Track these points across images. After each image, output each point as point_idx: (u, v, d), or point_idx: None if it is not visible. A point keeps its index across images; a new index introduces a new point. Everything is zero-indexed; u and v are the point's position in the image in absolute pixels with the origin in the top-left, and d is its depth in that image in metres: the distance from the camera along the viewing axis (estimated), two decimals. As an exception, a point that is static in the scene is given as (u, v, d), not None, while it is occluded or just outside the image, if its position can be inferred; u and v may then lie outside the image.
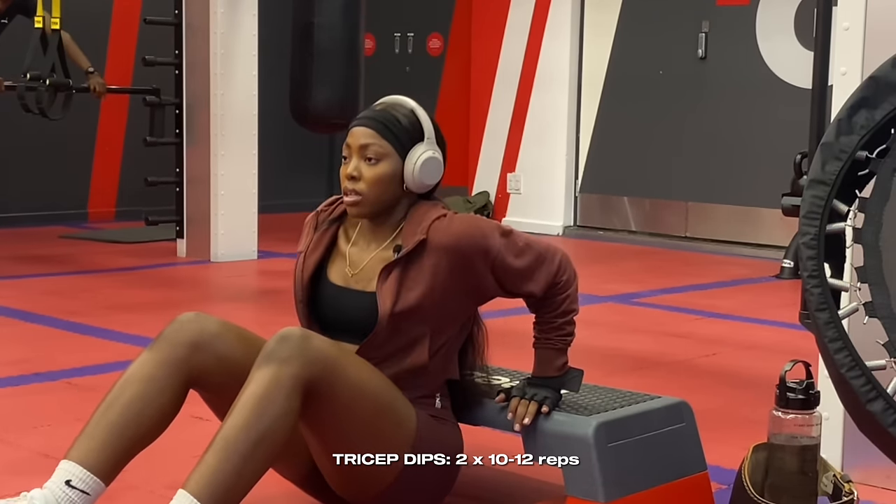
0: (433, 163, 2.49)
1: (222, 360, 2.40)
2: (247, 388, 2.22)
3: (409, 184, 2.48)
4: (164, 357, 2.37)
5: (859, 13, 2.87)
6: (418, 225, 2.47)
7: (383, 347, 2.45)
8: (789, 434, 2.33)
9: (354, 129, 2.48)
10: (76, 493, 2.23)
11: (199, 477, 2.14)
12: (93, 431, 2.30)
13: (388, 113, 2.49)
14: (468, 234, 2.45)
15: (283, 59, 6.63)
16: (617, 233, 8.49)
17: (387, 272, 2.45)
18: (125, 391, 2.33)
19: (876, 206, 2.09)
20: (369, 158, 2.45)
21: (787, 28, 7.59)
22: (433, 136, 2.51)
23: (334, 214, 2.61)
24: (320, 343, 2.30)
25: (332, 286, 2.55)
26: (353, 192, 2.46)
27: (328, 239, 2.59)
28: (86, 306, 5.24)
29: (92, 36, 7.96)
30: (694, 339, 4.87)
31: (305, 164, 9.62)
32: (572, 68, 8.63)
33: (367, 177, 2.45)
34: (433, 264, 2.44)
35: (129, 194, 8.50)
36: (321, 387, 2.26)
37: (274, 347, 2.25)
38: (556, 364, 2.53)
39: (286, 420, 2.21)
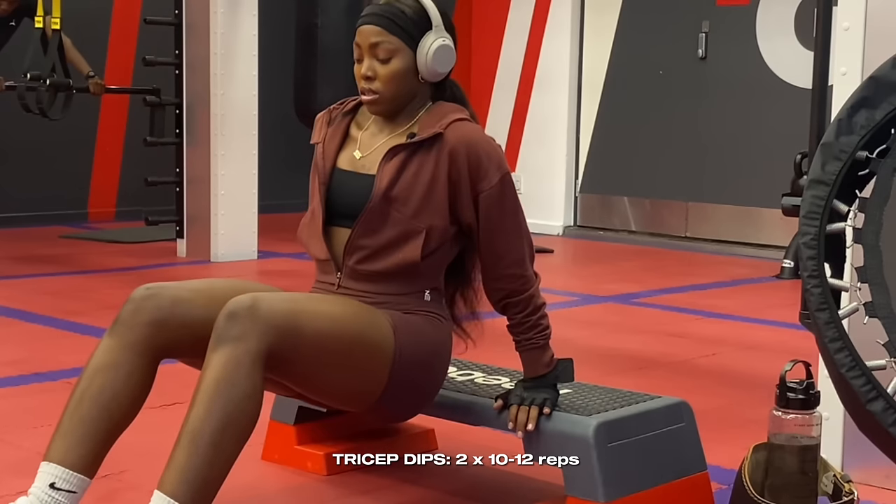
0: (445, 50, 2.50)
1: (187, 325, 2.35)
2: (205, 374, 2.17)
3: (423, 74, 2.50)
4: (125, 341, 2.33)
5: (859, 13, 2.87)
6: (438, 119, 2.49)
7: (377, 233, 2.44)
8: (789, 434, 2.33)
9: (362, 28, 2.48)
10: (62, 494, 2.22)
11: (171, 475, 2.12)
12: (67, 428, 2.28)
13: (393, 6, 2.48)
14: (477, 149, 2.46)
15: (283, 59, 6.65)
16: (617, 233, 8.49)
17: (392, 154, 2.46)
18: (93, 382, 2.31)
19: (876, 206, 2.09)
20: (381, 57, 2.46)
21: (787, 28, 7.59)
22: (441, 23, 2.51)
23: (347, 108, 2.63)
24: (270, 306, 2.23)
25: (339, 171, 2.55)
26: (370, 91, 2.48)
27: (343, 129, 2.60)
28: (86, 306, 5.24)
29: (92, 36, 7.96)
30: (694, 339, 4.87)
31: (305, 164, 9.60)
32: (572, 68, 8.63)
33: (382, 74, 2.47)
34: (437, 162, 2.45)
35: (129, 194, 8.50)
36: (283, 350, 2.23)
37: (224, 326, 2.19)
38: (543, 361, 2.52)
39: (252, 400, 2.17)
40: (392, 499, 2.75)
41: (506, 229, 2.48)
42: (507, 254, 2.49)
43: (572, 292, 5.93)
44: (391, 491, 2.78)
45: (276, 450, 2.93)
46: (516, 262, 2.49)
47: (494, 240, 2.48)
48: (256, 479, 2.83)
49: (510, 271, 2.49)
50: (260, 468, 2.90)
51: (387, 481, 2.82)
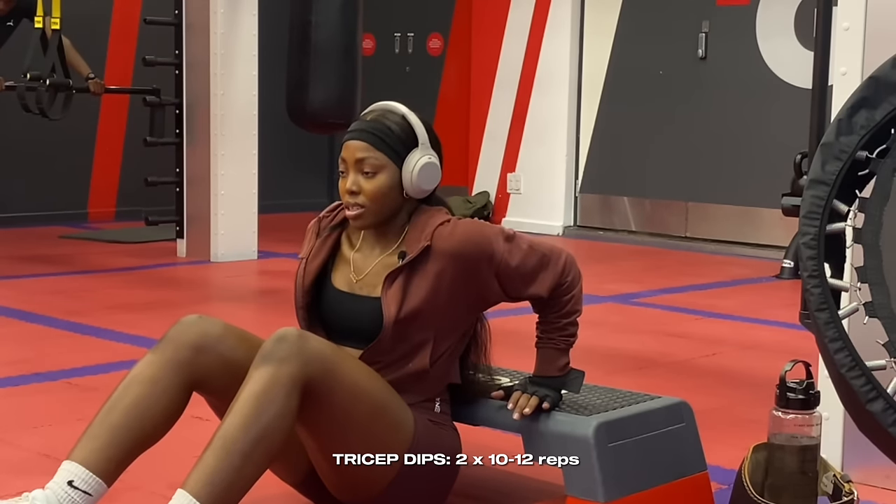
0: (430, 168, 2.49)
1: (225, 362, 2.40)
2: (245, 388, 2.22)
3: (408, 191, 2.49)
4: (167, 359, 2.37)
5: (859, 13, 2.87)
6: (422, 231, 2.47)
7: (387, 353, 2.45)
8: (789, 434, 2.33)
9: (348, 143, 2.48)
10: (78, 493, 2.23)
11: (198, 476, 2.14)
12: (96, 432, 2.30)
13: (379, 123, 2.48)
14: (472, 239, 2.45)
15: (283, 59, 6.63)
16: (617, 233, 8.49)
17: (392, 278, 2.45)
18: (128, 392, 2.33)
19: (876, 206, 2.09)
20: (366, 172, 2.46)
21: (787, 28, 7.59)
22: (427, 141, 2.50)
23: (336, 220, 2.61)
24: (317, 343, 2.30)
25: (336, 291, 2.55)
26: (355, 206, 2.47)
27: (330, 244, 2.59)
28: (86, 306, 5.24)
29: (92, 36, 7.96)
30: (694, 339, 4.87)
31: (305, 164, 9.63)
32: (572, 68, 8.63)
33: (367, 190, 2.46)
34: (438, 270, 2.44)
35: (129, 194, 8.50)
36: (319, 387, 2.26)
37: (272, 347, 2.25)
38: (558, 364, 2.53)
39: (285, 419, 2.21)
40: (392, 499, 2.74)
41: (533, 270, 2.49)
42: (545, 283, 2.50)
43: (572, 292, 5.92)
44: (391, 491, 2.77)
45: (276, 450, 2.92)
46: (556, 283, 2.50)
47: (529, 284, 2.49)
48: (256, 479, 2.82)
49: (555, 292, 2.51)
50: (260, 468, 2.89)
51: (387, 481, 2.82)
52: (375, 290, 2.49)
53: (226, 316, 2.59)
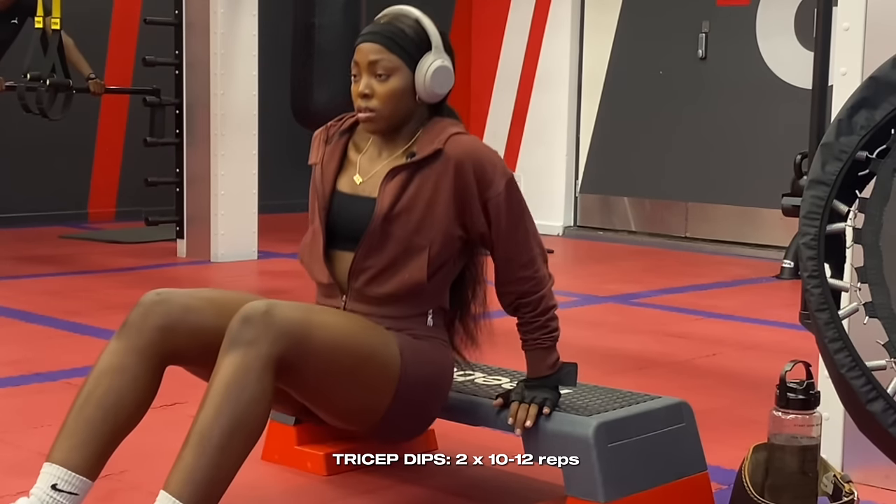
0: (443, 71, 2.49)
1: (195, 332, 2.36)
2: (216, 377, 2.18)
3: (420, 94, 2.49)
4: (132, 344, 2.33)
5: (859, 13, 2.87)
6: (437, 135, 2.48)
7: (380, 254, 2.44)
8: (789, 434, 2.33)
9: (361, 46, 2.47)
10: (64, 495, 2.22)
11: (178, 476, 2.12)
12: (72, 430, 2.28)
13: (393, 25, 2.47)
14: (480, 159, 2.45)
15: (283, 59, 6.65)
16: (617, 233, 8.49)
17: (393, 174, 2.46)
18: (99, 385, 2.31)
19: (876, 206, 2.09)
20: (379, 74, 2.46)
21: (787, 28, 7.59)
22: (440, 45, 2.50)
23: (345, 126, 2.62)
24: (284, 313, 2.25)
25: (339, 195, 2.55)
26: (367, 110, 2.47)
27: (341, 149, 2.60)
28: (86, 306, 5.24)
29: (92, 36, 7.96)
30: (694, 339, 4.87)
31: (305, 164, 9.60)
32: (572, 68, 8.63)
33: (380, 93, 2.46)
34: (439, 178, 2.45)
35: (129, 194, 8.50)
36: (294, 358, 2.24)
37: (238, 330, 2.21)
38: (547, 362, 2.52)
39: (260, 404, 2.18)
40: (392, 499, 2.75)
41: (515, 233, 2.49)
42: (518, 256, 2.49)
43: (572, 292, 5.93)
44: (391, 491, 2.78)
45: (276, 450, 2.93)
46: (527, 264, 2.50)
47: (505, 244, 2.49)
48: (256, 479, 2.83)
49: (522, 273, 2.50)
50: (260, 468, 2.90)
51: (387, 481, 2.82)
52: (376, 190, 2.48)
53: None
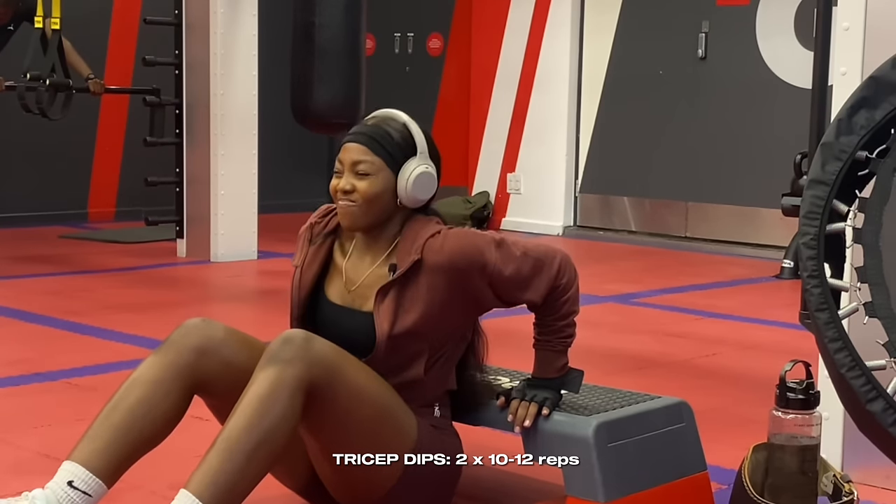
0: (426, 177, 2.48)
1: (228, 365, 2.40)
2: (250, 389, 2.22)
3: (402, 199, 2.47)
4: (170, 361, 2.37)
5: (859, 13, 2.87)
6: (412, 243, 2.45)
7: (381, 365, 2.44)
8: (789, 434, 2.33)
9: (347, 145, 2.47)
10: (78, 493, 2.23)
11: (201, 477, 2.14)
12: (96, 433, 2.29)
13: (380, 128, 2.47)
14: (463, 251, 2.42)
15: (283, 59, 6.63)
16: (617, 233, 8.49)
17: (383, 294, 2.44)
18: (130, 393, 2.33)
19: (876, 206, 2.09)
20: (361, 174, 2.45)
21: (787, 28, 7.59)
22: (426, 151, 2.49)
23: (329, 227, 2.59)
24: (322, 345, 2.30)
25: (330, 305, 2.54)
26: (348, 203, 2.46)
27: (324, 253, 2.57)
28: (86, 306, 5.24)
29: (92, 36, 7.96)
30: (694, 339, 4.87)
31: (305, 164, 9.63)
32: (572, 68, 8.63)
33: (361, 189, 2.44)
34: (430, 284, 2.42)
35: (129, 194, 8.50)
36: (323, 389, 2.27)
37: (277, 349, 2.25)
38: (556, 365, 2.52)
39: (288, 421, 2.21)
40: (392, 499, 2.74)
41: (526, 275, 2.47)
42: (540, 288, 2.48)
43: (572, 292, 5.93)
44: (391, 491, 2.77)
45: (276, 450, 2.92)
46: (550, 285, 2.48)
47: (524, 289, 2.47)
48: (256, 479, 2.82)
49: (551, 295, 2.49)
50: (260, 468, 2.89)
51: (387, 481, 2.82)
52: (368, 303, 2.47)
53: (226, 316, 2.59)
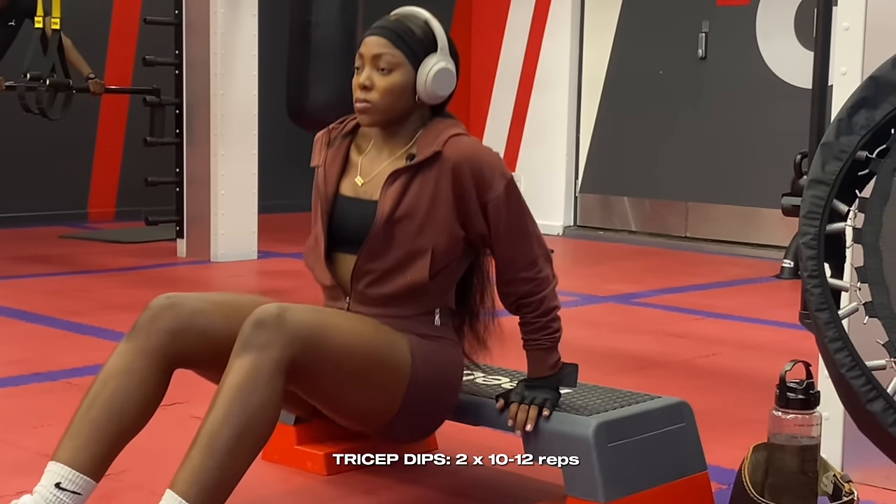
0: (446, 74, 2.49)
1: (204, 335, 2.37)
2: (226, 379, 2.19)
3: (420, 94, 2.49)
4: (141, 347, 2.34)
5: (859, 13, 2.87)
6: (436, 137, 2.48)
7: (382, 257, 2.45)
8: (789, 434, 2.33)
9: (368, 39, 2.49)
10: (67, 494, 2.22)
11: (184, 476, 2.13)
12: (77, 430, 2.28)
13: (402, 23, 2.49)
14: (479, 161, 2.45)
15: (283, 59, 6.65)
16: (617, 233, 8.49)
17: (393, 178, 2.47)
18: (106, 386, 2.31)
19: (876, 206, 2.09)
20: (382, 68, 2.46)
21: (787, 28, 7.59)
22: (447, 48, 2.51)
23: (346, 129, 2.62)
24: (297, 317, 2.25)
25: (342, 198, 2.56)
26: (364, 101, 2.48)
27: (343, 152, 2.60)
28: (86, 306, 5.24)
29: (92, 36, 7.96)
30: (694, 339, 4.87)
31: (305, 164, 9.59)
32: (572, 68, 8.63)
33: (380, 86, 2.47)
34: (439, 177, 2.45)
35: (129, 194, 8.50)
36: (305, 361, 2.25)
37: (250, 333, 2.21)
38: (548, 363, 2.52)
39: (270, 409, 2.19)
40: (392, 499, 2.75)
41: (515, 234, 2.49)
42: (519, 258, 2.49)
43: (572, 292, 5.93)
44: (391, 491, 2.78)
45: (276, 450, 2.92)
46: (528, 265, 2.49)
47: (506, 245, 2.49)
48: (256, 479, 2.82)
49: (523, 275, 2.50)
50: (260, 468, 2.89)
51: (387, 481, 2.82)
52: (377, 193, 2.49)
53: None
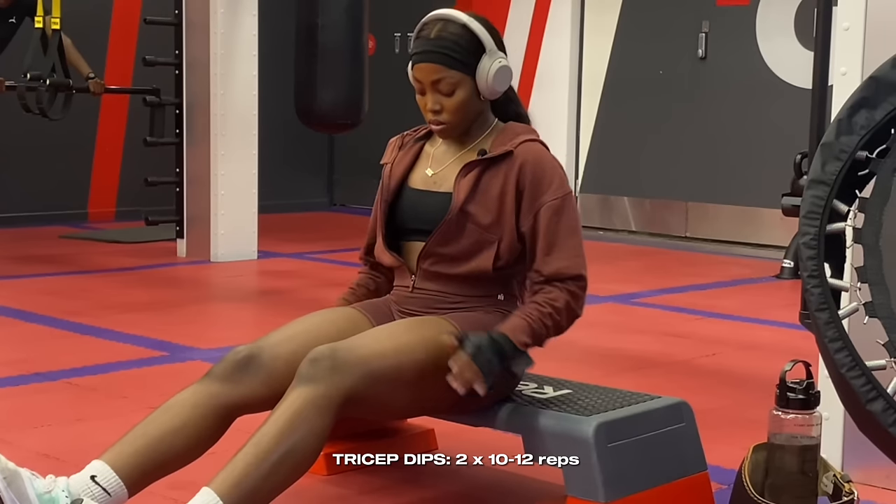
0: (503, 71, 2.59)
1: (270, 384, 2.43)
2: (282, 404, 2.27)
3: (484, 94, 2.58)
4: (211, 391, 2.40)
5: (859, 13, 2.87)
6: (510, 139, 2.58)
7: (452, 243, 2.52)
8: (789, 434, 2.33)
9: (420, 66, 2.56)
10: (97, 489, 2.24)
11: (226, 477, 2.17)
12: (129, 439, 2.34)
13: (445, 40, 2.54)
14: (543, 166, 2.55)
15: (283, 59, 6.65)
16: (617, 233, 8.49)
17: (467, 170, 2.55)
18: (168, 410, 2.38)
19: (876, 206, 2.09)
20: (444, 91, 2.54)
21: (787, 28, 7.59)
22: (493, 45, 2.58)
23: (420, 134, 2.73)
24: (348, 355, 2.33)
25: (411, 191, 2.64)
26: (439, 123, 2.57)
27: (415, 151, 2.70)
28: (86, 306, 5.24)
29: (92, 36, 7.96)
30: (694, 339, 4.87)
31: (305, 164, 9.62)
32: (572, 68, 8.63)
33: (449, 107, 2.55)
34: (508, 174, 2.53)
35: (129, 194, 8.50)
36: (358, 392, 2.32)
37: (307, 370, 2.30)
38: (520, 337, 2.47)
39: (317, 438, 2.25)
40: (392, 499, 2.75)
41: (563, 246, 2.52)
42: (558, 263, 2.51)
43: (572, 292, 5.93)
44: (391, 491, 2.78)
45: (276, 450, 2.92)
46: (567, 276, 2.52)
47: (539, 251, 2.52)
48: (256, 479, 2.82)
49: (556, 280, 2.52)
50: (260, 468, 2.90)
51: (387, 481, 2.82)
52: (448, 184, 2.58)
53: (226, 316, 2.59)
